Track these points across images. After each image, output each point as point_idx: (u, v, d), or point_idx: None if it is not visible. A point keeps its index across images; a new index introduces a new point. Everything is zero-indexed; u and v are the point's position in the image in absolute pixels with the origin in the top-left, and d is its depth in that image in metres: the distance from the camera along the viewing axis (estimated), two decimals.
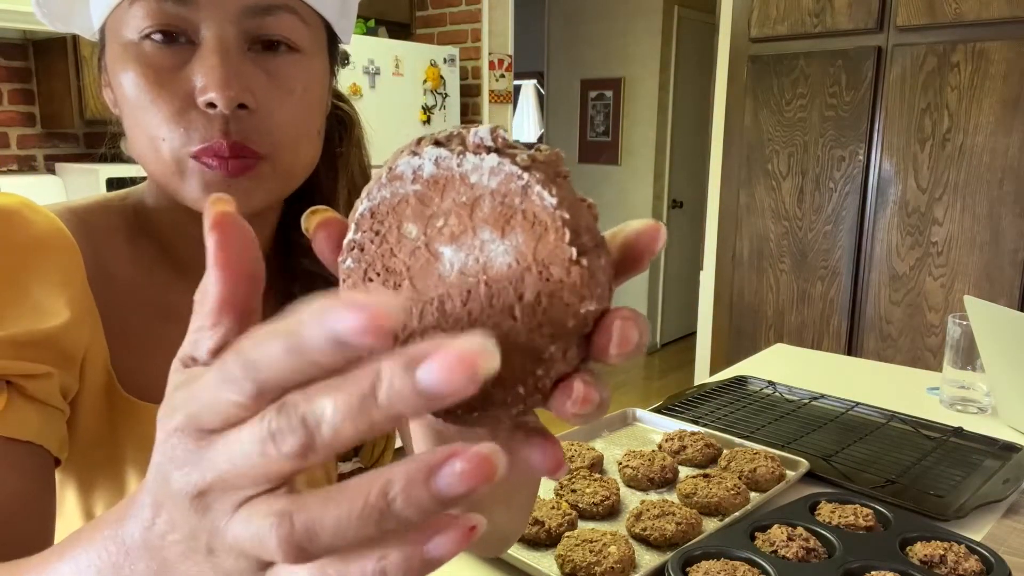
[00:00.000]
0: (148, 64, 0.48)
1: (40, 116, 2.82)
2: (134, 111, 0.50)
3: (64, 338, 0.49)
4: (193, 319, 0.27)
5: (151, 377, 0.55)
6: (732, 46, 2.69)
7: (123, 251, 0.57)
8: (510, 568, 0.85)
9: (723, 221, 2.74)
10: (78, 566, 0.28)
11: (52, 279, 0.49)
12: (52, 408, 0.49)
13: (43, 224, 0.51)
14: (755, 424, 1.27)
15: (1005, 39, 2.02)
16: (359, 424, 0.20)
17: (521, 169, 0.26)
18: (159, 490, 0.24)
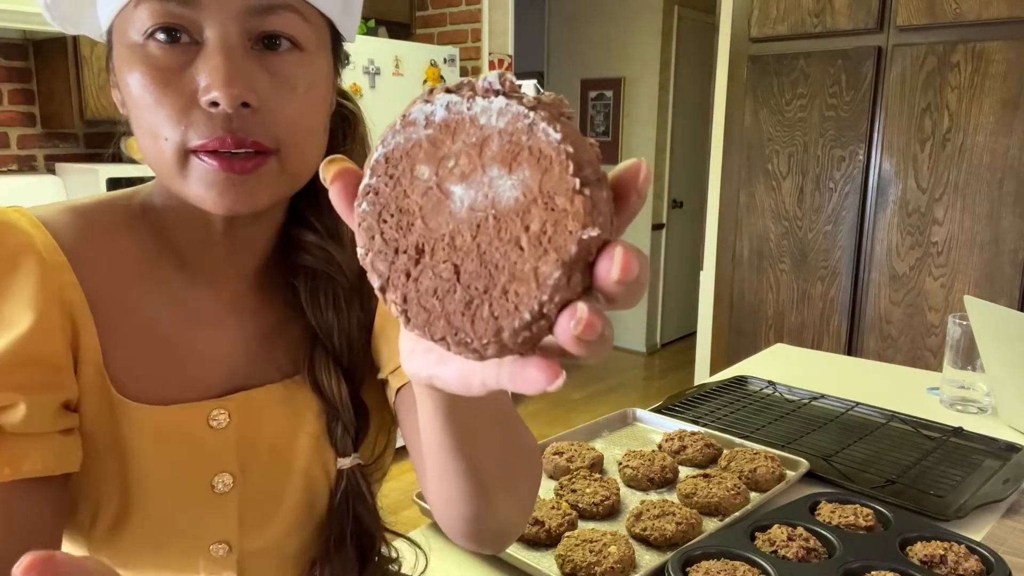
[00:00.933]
0: (153, 64, 0.49)
1: (40, 116, 2.82)
2: (140, 110, 0.50)
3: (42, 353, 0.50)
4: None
5: (147, 378, 0.56)
6: (732, 46, 2.69)
7: (126, 249, 0.57)
8: (510, 568, 0.85)
9: (723, 221, 2.74)
10: None
11: (20, 302, 0.50)
12: (36, 436, 0.50)
13: (16, 239, 0.51)
14: (755, 424, 1.27)
15: (1005, 39, 2.02)
16: None
17: (527, 109, 0.28)
18: None
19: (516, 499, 0.53)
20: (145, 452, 0.55)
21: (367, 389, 0.63)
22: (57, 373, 0.51)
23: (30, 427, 0.49)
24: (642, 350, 5.18)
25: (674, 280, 5.30)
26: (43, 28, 2.40)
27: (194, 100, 0.49)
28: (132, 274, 0.57)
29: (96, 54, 2.62)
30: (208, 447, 0.57)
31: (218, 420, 0.58)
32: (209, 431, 0.57)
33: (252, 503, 0.59)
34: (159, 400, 0.56)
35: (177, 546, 0.58)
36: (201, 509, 0.57)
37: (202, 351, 0.58)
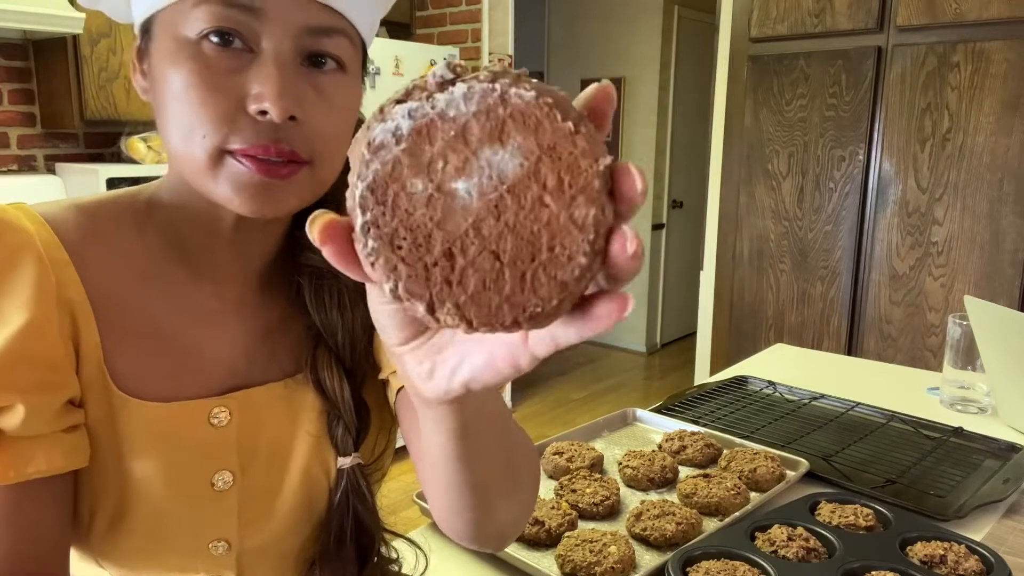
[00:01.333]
0: (204, 64, 0.49)
1: (40, 116, 2.82)
2: (179, 104, 0.50)
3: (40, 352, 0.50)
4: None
5: (149, 376, 0.56)
6: (732, 46, 2.69)
7: (130, 247, 0.57)
8: (510, 568, 0.85)
9: (723, 221, 2.74)
10: None
11: (17, 299, 0.50)
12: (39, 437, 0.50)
13: (15, 238, 0.51)
14: (755, 424, 1.27)
15: (1005, 39, 2.02)
16: None
17: (489, 83, 0.28)
18: None
19: (517, 502, 0.53)
20: (145, 449, 0.55)
21: (368, 389, 0.63)
22: (55, 372, 0.51)
23: (31, 429, 0.50)
24: (642, 350, 5.18)
25: (674, 280, 5.30)
26: (43, 28, 2.39)
27: (241, 105, 0.50)
28: (135, 272, 0.57)
29: (96, 54, 2.62)
30: (208, 445, 0.58)
31: (219, 418, 0.58)
32: (210, 429, 0.58)
33: (252, 501, 0.59)
34: (160, 397, 0.56)
35: (176, 544, 0.57)
36: (201, 506, 0.57)
37: (204, 349, 0.59)
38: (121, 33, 2.68)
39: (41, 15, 2.34)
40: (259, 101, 0.49)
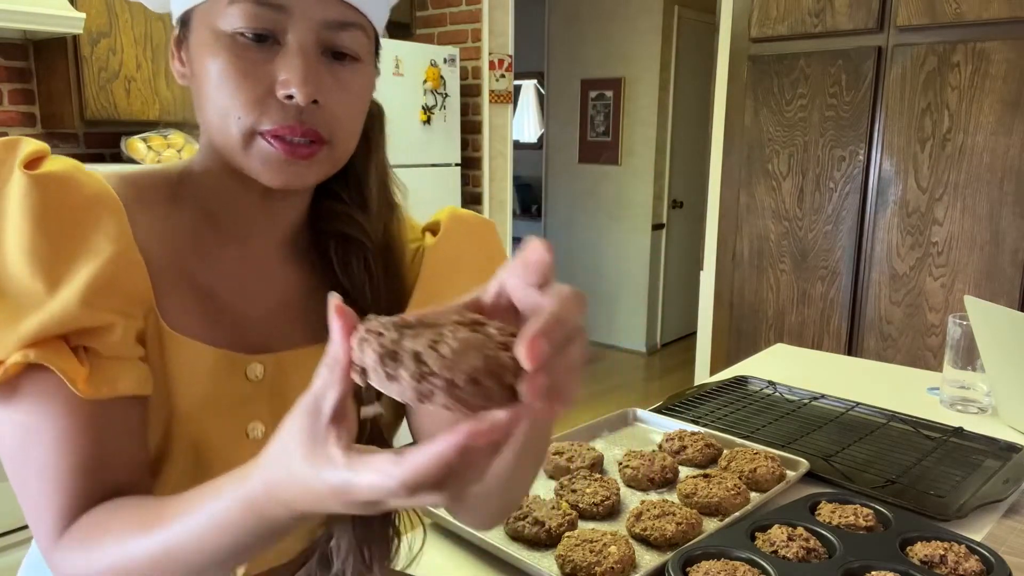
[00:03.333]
0: (238, 55, 0.56)
1: (40, 116, 2.82)
2: (216, 89, 0.57)
3: (123, 282, 0.56)
4: (320, 375, 0.41)
5: (192, 325, 0.61)
6: (732, 46, 2.69)
7: (167, 214, 0.63)
8: (510, 568, 0.85)
9: (723, 221, 2.74)
10: (222, 506, 0.45)
11: (105, 233, 0.56)
12: (126, 359, 0.56)
13: (93, 186, 0.57)
14: (755, 424, 1.27)
15: (1005, 39, 2.02)
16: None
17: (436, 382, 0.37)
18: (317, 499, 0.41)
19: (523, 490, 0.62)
20: (189, 387, 0.60)
21: None
22: (135, 303, 0.57)
23: (119, 351, 0.55)
24: (642, 350, 5.18)
25: (674, 280, 5.30)
26: (43, 28, 2.39)
27: (271, 91, 0.56)
28: (173, 235, 0.62)
29: (96, 54, 2.62)
30: (243, 395, 0.63)
31: (255, 373, 0.63)
32: (246, 382, 0.63)
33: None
34: (204, 341, 0.61)
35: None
36: (236, 452, 0.61)
37: (240, 310, 0.64)
38: (121, 33, 2.68)
39: (41, 15, 2.34)
40: (286, 87, 0.56)
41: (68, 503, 0.54)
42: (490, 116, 3.67)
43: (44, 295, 0.52)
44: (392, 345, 0.38)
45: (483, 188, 3.73)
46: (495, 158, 3.76)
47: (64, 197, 0.55)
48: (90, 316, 0.53)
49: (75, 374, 0.53)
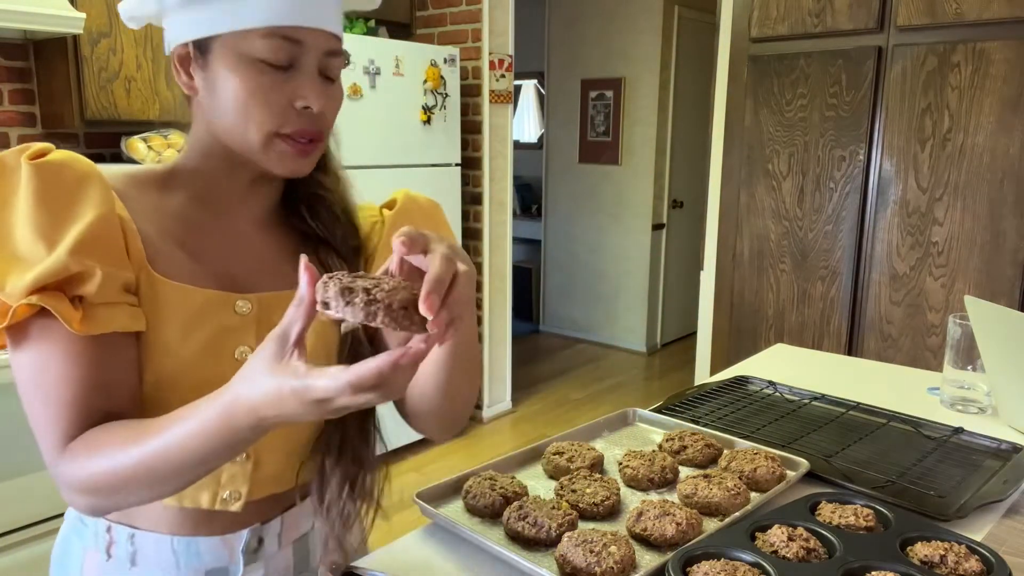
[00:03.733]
0: (264, 75, 0.71)
1: (40, 116, 2.82)
2: (240, 102, 0.71)
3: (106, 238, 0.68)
4: (288, 312, 0.58)
5: (181, 269, 0.74)
6: (732, 46, 2.69)
7: (159, 199, 0.77)
8: (510, 568, 0.85)
9: (723, 221, 2.74)
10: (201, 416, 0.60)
11: (90, 201, 0.69)
12: (114, 303, 0.68)
13: (81, 167, 0.70)
14: (755, 424, 1.27)
15: (1005, 39, 2.02)
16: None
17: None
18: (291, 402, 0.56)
19: (462, 401, 0.82)
20: (181, 322, 0.73)
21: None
22: (119, 257, 0.69)
23: (105, 296, 0.67)
24: (642, 350, 5.18)
25: (674, 280, 5.30)
26: (43, 28, 2.39)
27: (290, 104, 0.73)
28: (164, 213, 0.76)
29: (96, 54, 2.62)
30: (232, 326, 0.76)
31: (242, 307, 0.77)
32: (234, 315, 0.76)
33: None
34: (182, 280, 0.74)
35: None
36: (226, 373, 0.67)
37: (226, 266, 0.78)
38: (121, 33, 2.68)
39: (41, 15, 2.34)
40: (305, 100, 0.73)
41: (69, 424, 0.67)
42: (490, 116, 3.67)
43: (44, 253, 0.65)
44: (349, 283, 0.55)
45: (483, 188, 3.73)
46: (495, 158, 3.76)
47: (57, 178, 0.68)
48: (78, 263, 0.65)
49: (70, 316, 0.65)
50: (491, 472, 1.00)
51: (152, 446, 0.62)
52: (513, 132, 3.91)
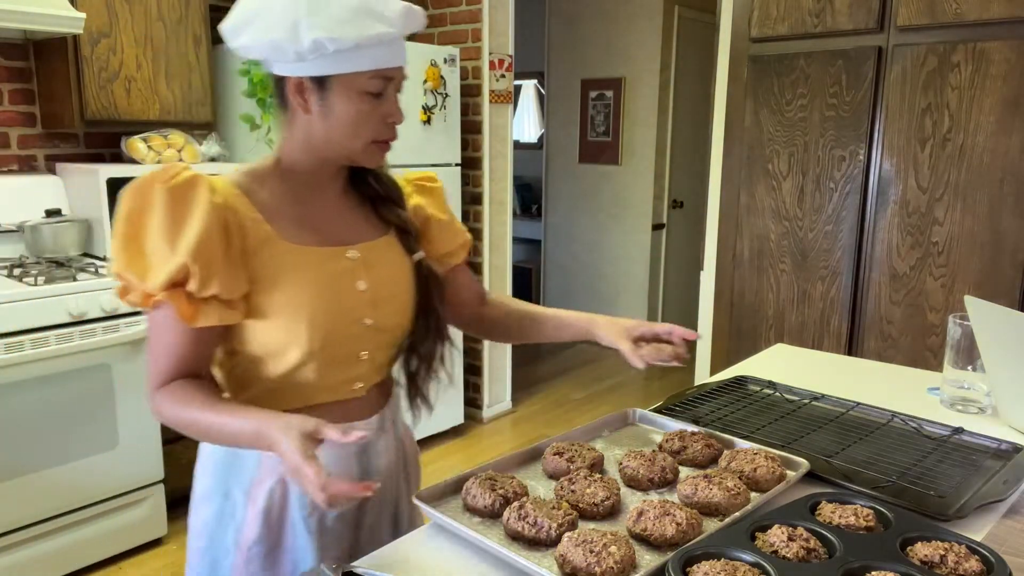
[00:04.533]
0: (367, 103, 0.97)
1: (40, 116, 2.82)
2: (352, 121, 0.97)
3: (207, 242, 0.91)
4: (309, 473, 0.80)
5: (301, 234, 1.01)
6: (732, 46, 2.69)
7: (272, 186, 1.02)
8: (510, 568, 0.85)
9: (723, 221, 2.74)
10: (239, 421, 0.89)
11: (200, 211, 0.92)
12: (213, 302, 0.92)
13: (195, 183, 0.93)
14: (755, 424, 1.27)
15: (1006, 39, 2.02)
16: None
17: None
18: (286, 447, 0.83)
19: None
20: (312, 273, 0.99)
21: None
22: (214, 266, 0.91)
23: (205, 293, 0.90)
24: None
25: (674, 280, 5.30)
26: (43, 28, 2.39)
27: (383, 120, 0.99)
28: (279, 198, 1.01)
29: (96, 54, 2.62)
30: (348, 269, 1.02)
31: (352, 255, 1.04)
32: (347, 260, 1.03)
33: (379, 293, 1.05)
34: (301, 243, 1.00)
35: (343, 322, 1.01)
36: (350, 300, 1.02)
37: (330, 229, 1.04)
38: (121, 33, 2.68)
39: (41, 15, 2.34)
40: (393, 117, 1.00)
41: (165, 376, 0.95)
42: (490, 116, 3.67)
43: (168, 256, 0.90)
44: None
45: (483, 188, 3.73)
46: (495, 158, 3.76)
47: (179, 196, 0.92)
48: (192, 265, 0.89)
49: (183, 311, 0.91)
50: (491, 472, 1.00)
51: (203, 418, 0.91)
52: (513, 132, 3.91)
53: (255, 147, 3.09)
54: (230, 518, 1.03)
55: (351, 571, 0.81)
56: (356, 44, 0.91)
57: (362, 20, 0.91)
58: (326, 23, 0.90)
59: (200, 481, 1.07)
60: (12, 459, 2.20)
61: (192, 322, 0.91)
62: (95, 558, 2.46)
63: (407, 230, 1.11)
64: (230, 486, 1.03)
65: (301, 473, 0.80)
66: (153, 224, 0.91)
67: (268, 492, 1.01)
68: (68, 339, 2.27)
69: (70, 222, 2.61)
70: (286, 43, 0.91)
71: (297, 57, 0.92)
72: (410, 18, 0.96)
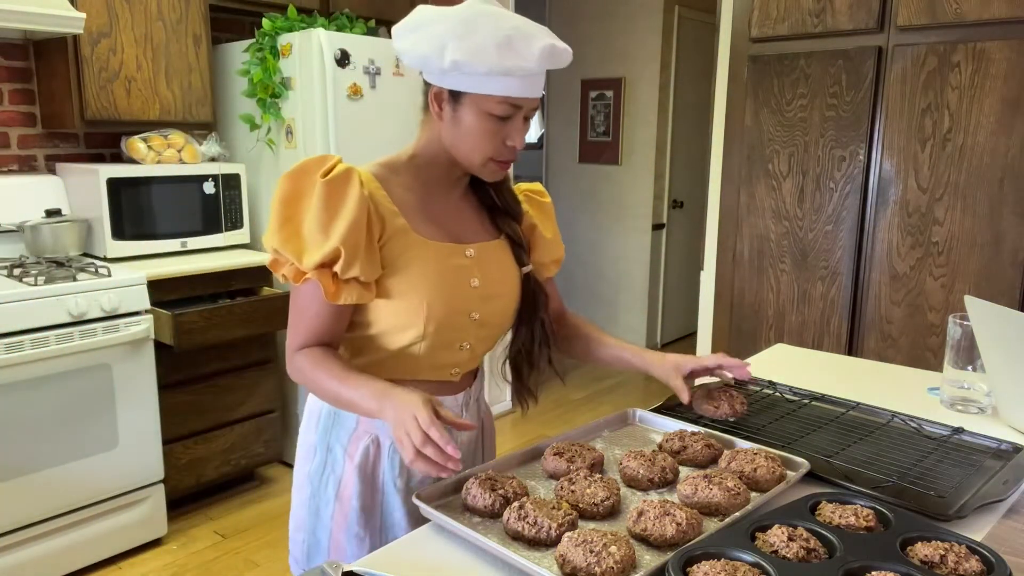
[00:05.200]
0: (491, 123, 1.06)
1: (40, 116, 2.82)
2: (474, 137, 1.07)
3: (356, 231, 1.02)
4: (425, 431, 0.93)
5: (429, 230, 1.11)
6: (732, 46, 2.69)
7: (405, 180, 1.12)
8: (510, 568, 0.85)
9: (723, 221, 2.74)
10: (360, 389, 1.03)
11: (351, 202, 1.03)
12: (353, 283, 1.04)
13: (348, 177, 1.05)
14: (756, 424, 1.27)
15: (1006, 39, 2.02)
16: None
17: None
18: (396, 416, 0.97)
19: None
20: (435, 265, 1.09)
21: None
22: (359, 252, 1.03)
23: (347, 274, 1.02)
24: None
25: (674, 280, 5.30)
26: (43, 28, 2.39)
27: (503, 142, 1.08)
28: (412, 191, 1.12)
29: (96, 54, 2.62)
30: (466, 265, 1.13)
31: (469, 253, 1.14)
32: (465, 258, 1.13)
33: (489, 290, 1.15)
34: (432, 238, 1.11)
35: (455, 313, 1.11)
36: (465, 294, 1.12)
37: (452, 227, 1.15)
38: (121, 33, 2.68)
39: (41, 15, 2.34)
40: (513, 141, 1.08)
41: (304, 342, 1.09)
42: None
43: (323, 241, 1.02)
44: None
45: None
46: None
47: (335, 188, 1.03)
48: (340, 249, 1.01)
49: (329, 289, 1.03)
50: (491, 472, 1.00)
51: (329, 384, 1.05)
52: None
53: (255, 147, 3.09)
54: (331, 471, 1.15)
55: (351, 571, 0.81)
56: (489, 72, 1.01)
57: (502, 54, 1.00)
58: (469, 49, 1.00)
59: (304, 438, 1.20)
60: (12, 459, 2.20)
61: (335, 299, 1.03)
62: (95, 558, 2.46)
63: (519, 243, 1.22)
64: (331, 442, 1.16)
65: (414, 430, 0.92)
66: (310, 210, 1.03)
67: (364, 449, 1.13)
68: (68, 339, 2.27)
69: (70, 222, 2.61)
70: (433, 58, 1.03)
71: (440, 72, 1.04)
72: (552, 58, 1.03)
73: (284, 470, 3.21)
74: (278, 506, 2.92)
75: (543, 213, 1.31)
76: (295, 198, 1.05)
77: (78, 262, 2.54)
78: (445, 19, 1.04)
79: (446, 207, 1.16)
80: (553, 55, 1.03)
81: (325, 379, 1.05)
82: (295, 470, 1.21)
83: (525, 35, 1.02)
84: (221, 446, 2.83)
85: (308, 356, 1.08)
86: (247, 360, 2.88)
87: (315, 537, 1.17)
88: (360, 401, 1.02)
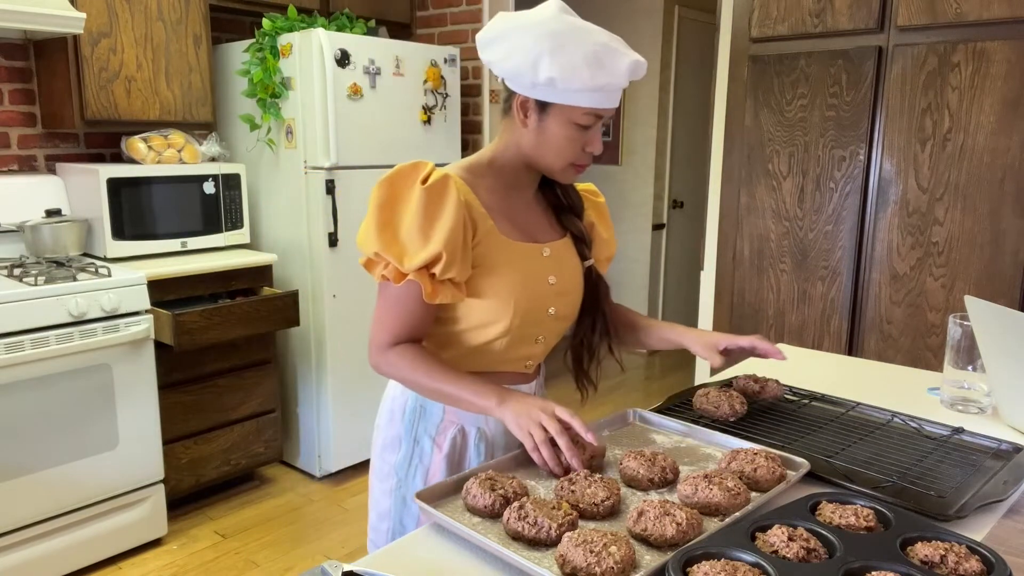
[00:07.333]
0: (575, 131, 1.12)
1: (40, 116, 2.82)
2: (558, 144, 1.13)
3: (454, 236, 1.07)
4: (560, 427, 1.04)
5: (511, 229, 1.17)
6: (732, 46, 2.69)
7: (488, 180, 1.18)
8: (510, 568, 0.85)
9: (723, 221, 2.74)
10: (464, 384, 1.10)
11: (449, 209, 1.08)
12: (447, 284, 1.09)
13: (446, 184, 1.09)
14: (755, 424, 1.27)
15: (1006, 39, 2.02)
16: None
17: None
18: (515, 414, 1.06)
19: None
20: (519, 263, 1.15)
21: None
22: (463, 250, 1.09)
23: (444, 276, 1.08)
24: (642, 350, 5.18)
25: (674, 280, 5.30)
26: (43, 28, 2.39)
27: (583, 148, 1.14)
28: (494, 193, 1.17)
29: (96, 54, 2.62)
30: (542, 264, 1.19)
31: (546, 252, 1.20)
32: (543, 257, 1.19)
33: (564, 286, 1.21)
34: (516, 238, 1.17)
35: (535, 309, 1.17)
36: (544, 290, 1.18)
37: (529, 226, 1.21)
38: (121, 33, 2.68)
39: (41, 15, 2.34)
40: (592, 148, 1.15)
41: (394, 338, 1.13)
42: (490, 116, 3.67)
43: (424, 244, 1.07)
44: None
45: None
46: None
47: (434, 195, 1.08)
48: (441, 253, 1.06)
49: (427, 289, 1.08)
50: (491, 472, 1.00)
51: (431, 383, 1.10)
52: None
53: (255, 147, 3.09)
54: (419, 461, 1.20)
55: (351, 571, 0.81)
56: (582, 88, 1.06)
57: (593, 70, 1.06)
58: (563, 65, 1.04)
59: (386, 431, 1.24)
60: (12, 459, 2.20)
61: (432, 299, 1.08)
62: (95, 558, 2.46)
63: (583, 239, 1.27)
64: (419, 433, 1.20)
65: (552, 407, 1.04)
66: (409, 216, 1.08)
67: (451, 439, 1.19)
68: (68, 339, 2.27)
69: (70, 222, 2.61)
70: (525, 71, 1.06)
71: (532, 84, 1.08)
72: (635, 71, 1.09)
73: (284, 470, 3.21)
74: (278, 506, 2.92)
75: (599, 212, 1.36)
76: (392, 203, 1.09)
77: (78, 262, 2.54)
78: (530, 30, 1.07)
79: (522, 208, 1.21)
80: (637, 69, 1.09)
81: (425, 376, 1.10)
82: (376, 461, 1.25)
83: (611, 51, 1.07)
84: (221, 446, 2.83)
85: (405, 353, 1.12)
86: (247, 360, 2.88)
87: (402, 525, 1.22)
88: (473, 398, 1.07)
